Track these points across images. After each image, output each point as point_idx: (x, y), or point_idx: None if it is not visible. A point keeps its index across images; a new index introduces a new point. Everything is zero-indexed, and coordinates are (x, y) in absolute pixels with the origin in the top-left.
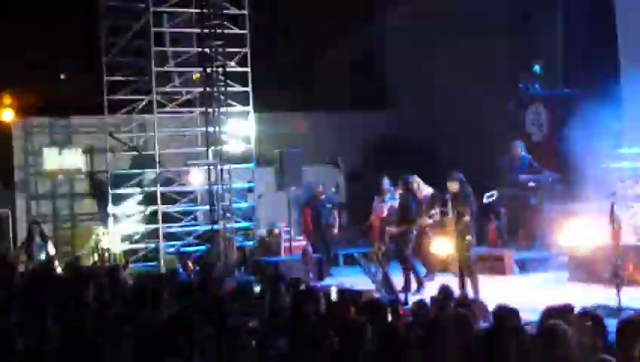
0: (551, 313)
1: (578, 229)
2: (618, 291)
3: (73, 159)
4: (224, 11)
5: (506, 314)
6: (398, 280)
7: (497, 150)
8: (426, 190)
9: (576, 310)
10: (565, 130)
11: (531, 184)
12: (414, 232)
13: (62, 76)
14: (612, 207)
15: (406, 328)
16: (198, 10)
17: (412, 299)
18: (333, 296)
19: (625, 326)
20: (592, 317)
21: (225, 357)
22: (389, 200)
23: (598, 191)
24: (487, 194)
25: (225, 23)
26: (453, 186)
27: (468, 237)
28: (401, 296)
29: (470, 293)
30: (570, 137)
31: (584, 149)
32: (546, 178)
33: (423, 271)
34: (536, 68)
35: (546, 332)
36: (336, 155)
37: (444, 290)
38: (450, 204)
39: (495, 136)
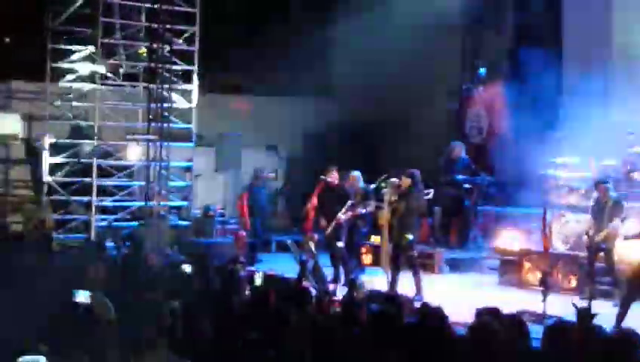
0: (481, 314)
1: (510, 233)
2: (544, 298)
3: (11, 124)
4: None
5: (431, 313)
6: (328, 271)
7: (437, 148)
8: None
9: (503, 314)
10: (505, 135)
11: (466, 185)
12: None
13: (6, 40)
14: (545, 214)
15: (331, 318)
16: None
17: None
18: (258, 282)
19: (551, 333)
20: (517, 322)
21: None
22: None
23: (533, 197)
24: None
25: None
26: (406, 181)
27: (409, 236)
28: (331, 288)
29: (408, 291)
30: (509, 142)
31: (522, 155)
32: (481, 180)
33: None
34: (482, 70)
35: (476, 331)
36: (276, 141)
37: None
38: (387, 199)
39: (436, 135)
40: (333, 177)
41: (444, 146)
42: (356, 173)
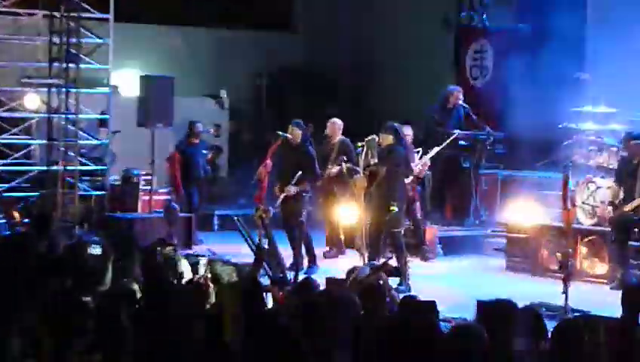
0: (485, 311)
1: (521, 205)
2: (566, 286)
3: None
4: None
5: (418, 307)
6: (288, 253)
7: (427, 95)
8: (339, 137)
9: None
10: (515, 77)
11: (465, 142)
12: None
13: None
14: (566, 179)
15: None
16: None
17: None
18: (201, 271)
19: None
20: (534, 318)
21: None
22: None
23: (551, 158)
24: None
25: None
26: (386, 139)
27: (394, 208)
28: (290, 275)
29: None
30: (521, 86)
31: (537, 103)
32: (485, 135)
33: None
34: None
35: (457, 333)
36: (219, 86)
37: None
38: (362, 160)
39: (425, 78)
40: (295, 134)
41: (439, 91)
42: (338, 121)
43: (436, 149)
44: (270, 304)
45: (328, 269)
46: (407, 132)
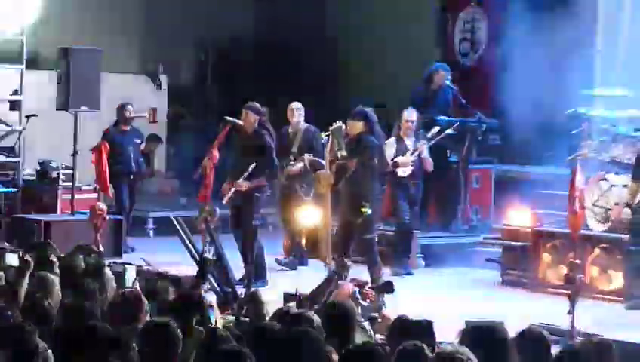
0: (475, 334)
1: (519, 206)
2: (572, 305)
3: None
4: None
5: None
6: (238, 263)
7: (405, 76)
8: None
9: (514, 330)
10: (513, 53)
11: (450, 131)
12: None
13: None
14: (573, 176)
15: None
16: None
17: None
18: (128, 283)
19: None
20: (535, 343)
21: None
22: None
23: (555, 149)
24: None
25: None
26: (355, 126)
27: (366, 209)
28: (240, 290)
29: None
30: (519, 64)
31: (539, 84)
32: (476, 123)
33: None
34: None
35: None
36: (156, 61)
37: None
38: (327, 152)
39: (404, 54)
40: (249, 120)
41: (422, 70)
42: (297, 105)
43: (424, 145)
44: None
45: (281, 283)
46: (411, 117)
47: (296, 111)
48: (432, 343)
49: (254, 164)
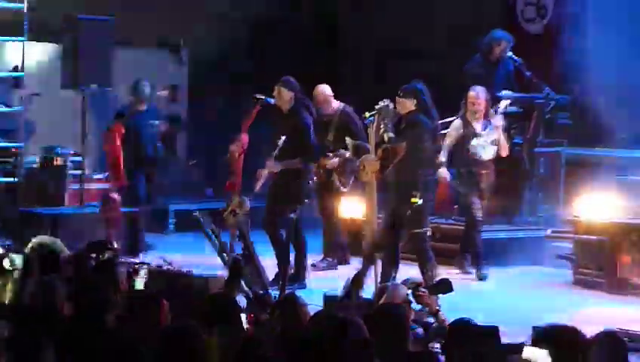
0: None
1: (595, 195)
2: None
3: None
4: None
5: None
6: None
7: (461, 46)
8: (335, 104)
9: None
10: (588, 18)
11: (514, 109)
12: (312, 179)
13: None
14: None
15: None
16: None
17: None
18: (140, 284)
19: None
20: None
21: None
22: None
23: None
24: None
25: None
26: (406, 104)
27: (416, 199)
28: (272, 290)
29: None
30: (596, 30)
31: (619, 53)
32: (543, 99)
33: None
34: None
35: None
36: (178, 34)
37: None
38: (373, 135)
39: (459, 22)
40: (284, 97)
41: (479, 40)
42: (324, 88)
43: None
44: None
45: (322, 284)
46: (479, 97)
47: (323, 95)
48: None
49: (283, 138)
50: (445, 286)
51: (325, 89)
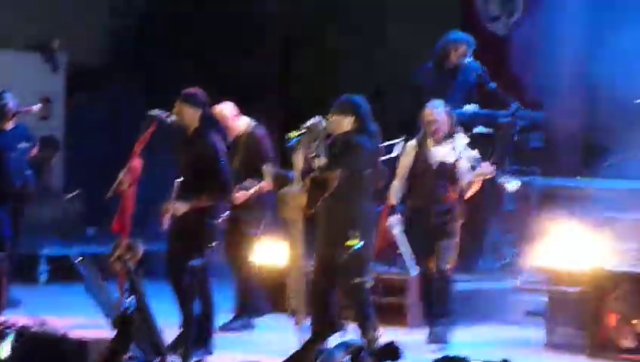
0: None
1: (572, 237)
2: None
3: None
4: None
5: None
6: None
7: (412, 51)
8: (242, 124)
9: None
10: (564, 18)
11: (478, 128)
12: (218, 218)
13: None
14: None
15: None
16: None
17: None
18: (4, 351)
19: None
20: None
21: None
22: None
23: (624, 156)
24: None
25: None
26: (342, 122)
27: (354, 240)
28: (171, 357)
29: None
30: (572, 33)
31: (602, 62)
32: (511, 117)
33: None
34: None
35: None
36: (51, 35)
37: None
38: (298, 161)
39: (410, 21)
40: (186, 115)
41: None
42: (225, 108)
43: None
44: None
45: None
46: (435, 115)
47: (225, 112)
48: None
49: (181, 178)
50: (392, 352)
51: (225, 109)
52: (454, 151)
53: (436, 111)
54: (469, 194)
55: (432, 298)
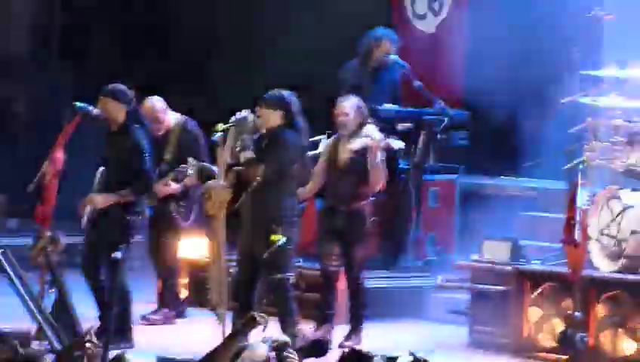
0: None
1: (495, 234)
2: None
3: None
4: None
5: None
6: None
7: (337, 48)
8: (172, 118)
9: None
10: (491, 18)
11: (404, 126)
12: (143, 212)
13: None
14: (573, 193)
15: None
16: None
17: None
18: None
19: None
20: None
21: None
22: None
23: (549, 156)
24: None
25: None
26: (271, 117)
27: (278, 236)
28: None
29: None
30: (498, 32)
31: (526, 62)
32: (435, 116)
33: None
34: None
35: None
36: None
37: None
38: (223, 155)
39: (334, 17)
40: (111, 111)
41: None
42: (154, 102)
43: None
44: None
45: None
46: (345, 108)
47: (155, 106)
48: None
49: (102, 168)
50: (319, 348)
51: (155, 103)
52: (364, 140)
53: (344, 105)
54: (377, 183)
55: (328, 298)
